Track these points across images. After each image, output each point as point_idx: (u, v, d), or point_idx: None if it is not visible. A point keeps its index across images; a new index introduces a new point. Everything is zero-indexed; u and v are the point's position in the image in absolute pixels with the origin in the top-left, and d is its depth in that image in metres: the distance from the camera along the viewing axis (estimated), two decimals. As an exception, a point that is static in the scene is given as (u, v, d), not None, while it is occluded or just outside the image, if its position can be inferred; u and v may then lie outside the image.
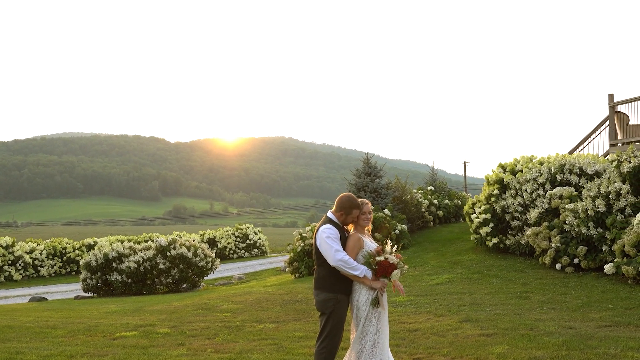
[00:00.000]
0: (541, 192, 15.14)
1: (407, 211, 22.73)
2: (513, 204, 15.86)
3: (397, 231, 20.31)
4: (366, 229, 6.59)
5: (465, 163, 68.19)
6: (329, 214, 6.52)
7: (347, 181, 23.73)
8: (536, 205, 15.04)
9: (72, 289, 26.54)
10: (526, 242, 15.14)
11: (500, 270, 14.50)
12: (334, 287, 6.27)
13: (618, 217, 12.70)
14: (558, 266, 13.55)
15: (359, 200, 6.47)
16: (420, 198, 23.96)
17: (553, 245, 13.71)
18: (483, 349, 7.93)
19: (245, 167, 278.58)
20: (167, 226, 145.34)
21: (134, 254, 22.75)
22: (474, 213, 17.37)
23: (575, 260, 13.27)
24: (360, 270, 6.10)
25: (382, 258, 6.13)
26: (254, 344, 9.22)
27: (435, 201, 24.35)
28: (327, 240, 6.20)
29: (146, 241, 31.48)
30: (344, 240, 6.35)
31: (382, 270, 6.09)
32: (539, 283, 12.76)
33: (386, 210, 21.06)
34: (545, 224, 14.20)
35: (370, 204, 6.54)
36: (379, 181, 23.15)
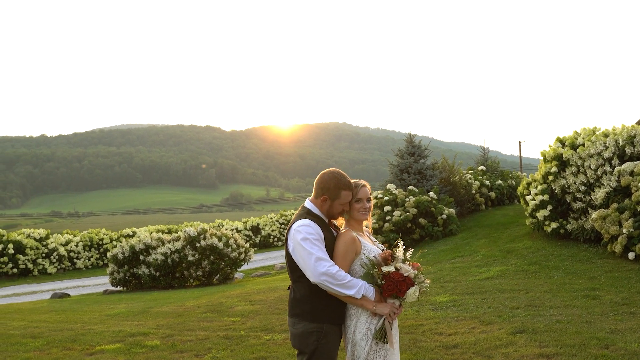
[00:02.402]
0: (608, 168, 12.68)
1: (456, 193, 20.48)
2: (574, 183, 13.45)
3: (443, 216, 18.14)
4: (364, 224, 4.51)
5: (520, 142, 64.45)
6: (307, 202, 4.44)
7: (389, 162, 21.55)
8: (602, 184, 12.60)
9: (105, 282, 25.24)
10: (591, 226, 12.76)
11: (561, 260, 12.16)
12: (318, 314, 4.22)
13: None
14: (631, 255, 11.16)
15: (352, 181, 4.40)
16: (470, 179, 21.65)
17: (625, 230, 11.29)
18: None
19: (300, 153, 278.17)
20: (225, 213, 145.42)
21: (162, 246, 21.14)
22: (530, 194, 15.01)
23: (654, 248, 10.90)
24: (356, 287, 4.07)
25: (391, 268, 4.09)
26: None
27: (487, 182, 21.98)
28: (304, 243, 4.12)
29: (169, 232, 30.05)
30: (330, 241, 4.28)
31: (391, 287, 4.06)
32: (609, 277, 10.41)
33: (431, 193, 18.88)
34: (614, 205, 11.78)
35: (368, 186, 4.45)
36: (424, 161, 20.94)
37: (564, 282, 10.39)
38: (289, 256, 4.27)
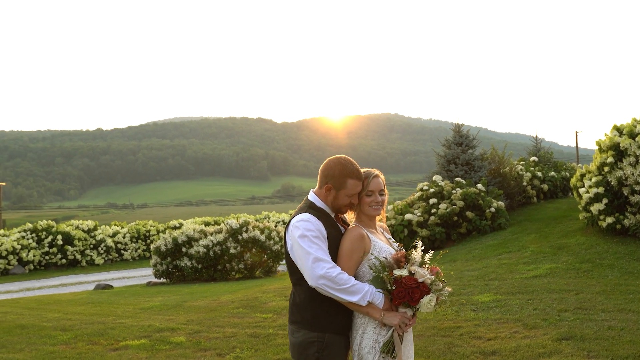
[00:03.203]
0: (670, 158, 11.83)
1: (506, 185, 19.64)
2: (632, 174, 12.57)
3: (492, 209, 17.39)
4: (377, 220, 3.96)
5: (576, 133, 62.28)
6: (311, 194, 3.91)
7: (436, 153, 20.83)
8: (664, 175, 11.76)
9: (150, 274, 25.28)
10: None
11: (616, 259, 11.35)
12: (319, 322, 3.70)
13: None
14: (695, 253, 10.34)
15: (363, 170, 3.84)
16: (521, 170, 20.76)
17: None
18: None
19: (352, 145, 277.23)
20: (276, 205, 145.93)
21: (204, 238, 20.92)
22: (583, 187, 14.16)
23: None
24: (360, 293, 3.54)
25: (404, 272, 3.55)
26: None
27: (539, 173, 21.03)
28: (302, 241, 3.60)
29: (215, 224, 29.91)
30: (337, 239, 3.75)
31: (403, 293, 3.51)
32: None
33: (479, 185, 18.14)
34: (677, 198, 10.95)
35: (382, 176, 3.89)
36: (472, 152, 20.13)
37: (619, 282, 9.61)
38: (287, 256, 3.76)
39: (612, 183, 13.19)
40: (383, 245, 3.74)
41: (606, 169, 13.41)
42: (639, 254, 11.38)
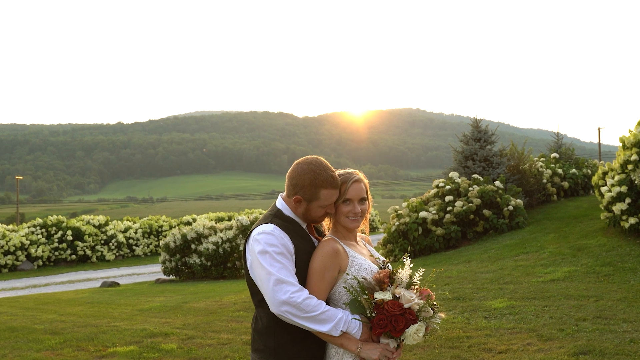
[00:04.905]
0: (698, 155, 11.17)
1: (525, 183, 19.02)
2: (658, 172, 11.94)
3: (510, 207, 16.79)
4: (358, 231, 3.39)
5: (599, 129, 60.96)
6: (279, 200, 3.35)
7: (453, 148, 20.25)
8: (691, 174, 11.11)
9: (160, 271, 25.02)
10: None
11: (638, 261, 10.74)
12: (285, 352, 3.14)
13: None
14: None
15: (339, 172, 3.27)
16: (541, 167, 20.11)
17: None
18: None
19: (373, 140, 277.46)
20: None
21: (214, 235, 20.53)
22: (605, 185, 13.52)
23: None
24: (332, 322, 2.98)
25: (387, 295, 2.98)
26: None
27: (560, 170, 20.36)
28: (263, 259, 3.04)
29: (229, 220, 29.58)
30: (308, 254, 3.17)
31: (385, 322, 2.94)
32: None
33: (497, 182, 17.53)
34: None
35: (365, 180, 3.31)
36: (491, 148, 19.52)
37: (642, 288, 9.02)
38: (247, 273, 3.20)
39: (636, 182, 12.53)
40: (363, 262, 3.17)
41: (630, 166, 12.74)
42: (664, 257, 10.75)
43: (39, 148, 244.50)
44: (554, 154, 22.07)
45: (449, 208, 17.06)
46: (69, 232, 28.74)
